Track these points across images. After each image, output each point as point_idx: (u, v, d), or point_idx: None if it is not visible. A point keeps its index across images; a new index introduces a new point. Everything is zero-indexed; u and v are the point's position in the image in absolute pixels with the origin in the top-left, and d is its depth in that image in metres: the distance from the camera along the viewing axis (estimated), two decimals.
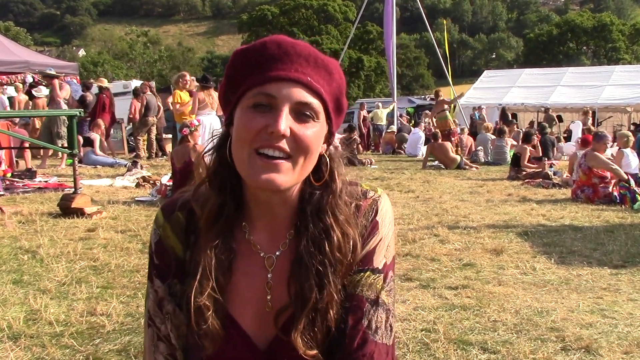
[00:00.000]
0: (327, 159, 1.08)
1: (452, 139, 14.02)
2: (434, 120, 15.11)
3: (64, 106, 10.86)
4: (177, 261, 1.10)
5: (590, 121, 16.62)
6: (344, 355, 1.07)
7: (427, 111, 19.94)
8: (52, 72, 11.71)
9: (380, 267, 1.11)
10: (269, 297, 1.07)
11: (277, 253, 1.08)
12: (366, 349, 1.07)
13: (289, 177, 0.98)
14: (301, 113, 0.98)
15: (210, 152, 1.08)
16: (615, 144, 9.90)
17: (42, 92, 12.07)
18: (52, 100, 11.20)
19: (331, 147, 1.10)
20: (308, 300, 1.02)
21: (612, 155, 8.71)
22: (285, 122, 0.96)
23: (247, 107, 0.99)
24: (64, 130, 10.64)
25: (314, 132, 1.00)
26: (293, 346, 1.03)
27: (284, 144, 0.96)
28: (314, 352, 1.03)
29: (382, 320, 1.09)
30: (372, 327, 1.08)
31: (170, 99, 10.65)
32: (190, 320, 1.03)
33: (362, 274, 1.09)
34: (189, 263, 1.07)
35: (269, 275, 1.08)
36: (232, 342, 1.05)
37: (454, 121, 15.88)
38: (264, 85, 0.97)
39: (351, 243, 1.06)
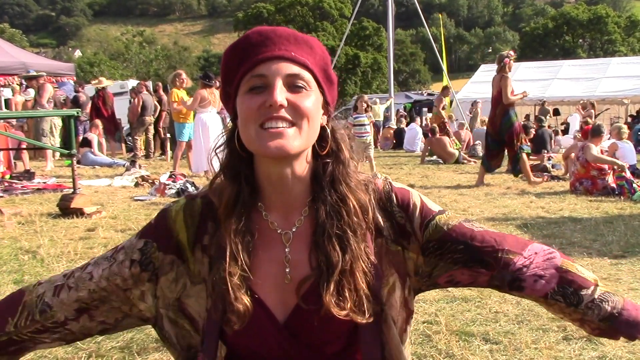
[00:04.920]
0: (329, 130, 1.14)
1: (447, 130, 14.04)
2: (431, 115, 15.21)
3: (47, 107, 10.82)
4: (169, 234, 1.14)
5: (593, 113, 16.24)
6: (495, 255, 1.15)
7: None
8: (33, 73, 11.69)
9: (442, 209, 1.19)
10: (287, 270, 1.12)
11: (293, 229, 1.14)
12: (502, 237, 1.18)
13: (297, 141, 1.05)
14: (294, 85, 1.06)
15: (222, 148, 1.14)
16: (610, 136, 9.91)
17: (30, 94, 12.07)
18: (36, 102, 11.14)
19: (335, 122, 1.17)
20: (335, 265, 1.07)
21: (607, 147, 8.72)
22: (280, 94, 1.03)
23: (244, 93, 1.07)
24: (48, 129, 10.64)
25: (309, 99, 1.07)
26: (312, 316, 1.08)
27: (284, 113, 1.04)
28: (345, 312, 1.07)
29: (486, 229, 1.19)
30: (486, 228, 1.18)
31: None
32: (218, 302, 1.08)
33: (433, 222, 1.16)
34: (210, 248, 1.13)
35: (286, 250, 1.13)
36: (255, 315, 1.09)
37: (450, 116, 15.88)
38: (254, 69, 1.05)
39: (362, 208, 1.12)
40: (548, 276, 1.14)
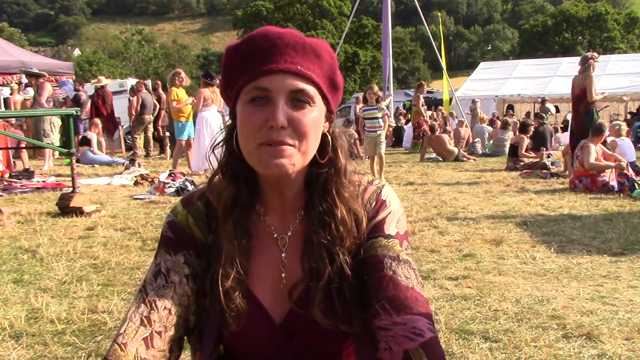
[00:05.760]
0: (330, 138, 1.12)
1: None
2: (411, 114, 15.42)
3: (46, 106, 10.80)
4: (193, 238, 1.13)
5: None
6: (374, 302, 1.04)
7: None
8: (36, 70, 11.67)
9: (392, 234, 1.11)
10: (283, 275, 1.12)
11: (289, 233, 1.14)
12: (399, 290, 1.04)
13: (296, 159, 1.03)
14: (297, 100, 1.02)
15: (220, 145, 1.12)
16: (609, 133, 9.91)
17: (29, 93, 12.04)
18: (35, 101, 11.11)
19: (334, 126, 1.14)
20: (322, 274, 1.07)
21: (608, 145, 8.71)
22: (283, 114, 0.99)
23: (245, 102, 1.03)
24: (49, 129, 10.62)
25: (311, 117, 1.03)
26: (306, 319, 1.08)
27: (284, 137, 1.00)
28: (332, 322, 1.08)
29: (410, 273, 1.07)
30: (399, 275, 1.05)
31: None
32: (216, 303, 1.08)
33: (373, 240, 1.10)
34: (213, 246, 1.12)
35: (282, 255, 1.13)
36: (252, 316, 1.10)
37: (451, 113, 15.83)
38: (257, 80, 1.01)
39: (356, 218, 1.11)
40: (395, 353, 1.00)
